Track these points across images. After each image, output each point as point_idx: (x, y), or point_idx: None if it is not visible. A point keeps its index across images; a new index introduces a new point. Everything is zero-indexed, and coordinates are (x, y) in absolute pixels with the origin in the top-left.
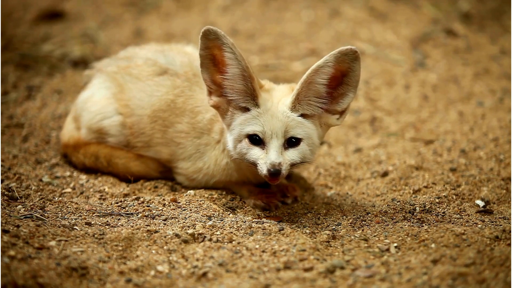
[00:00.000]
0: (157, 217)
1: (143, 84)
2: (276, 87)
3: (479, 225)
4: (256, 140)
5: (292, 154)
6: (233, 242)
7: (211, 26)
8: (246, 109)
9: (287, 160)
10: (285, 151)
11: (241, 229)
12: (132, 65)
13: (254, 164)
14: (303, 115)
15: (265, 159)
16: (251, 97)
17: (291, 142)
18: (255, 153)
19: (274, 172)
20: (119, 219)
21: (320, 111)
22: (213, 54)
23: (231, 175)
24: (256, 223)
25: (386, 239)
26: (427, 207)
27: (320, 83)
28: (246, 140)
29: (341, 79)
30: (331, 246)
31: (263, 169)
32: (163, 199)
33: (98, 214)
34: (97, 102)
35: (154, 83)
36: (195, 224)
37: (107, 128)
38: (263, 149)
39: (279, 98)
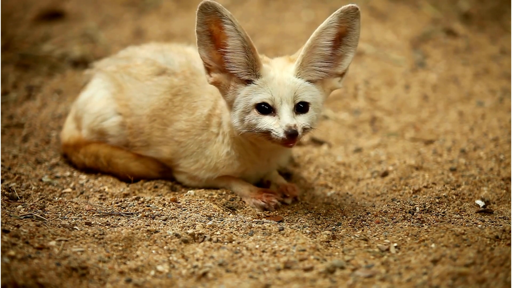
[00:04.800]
0: (157, 217)
1: (142, 84)
2: (274, 59)
3: (479, 225)
4: (265, 109)
5: (303, 119)
6: (233, 242)
7: (208, 0)
8: (249, 82)
9: (300, 124)
10: (296, 116)
11: (241, 229)
12: (132, 65)
13: (267, 133)
14: (308, 81)
15: (279, 123)
16: (253, 68)
17: (300, 107)
18: (266, 121)
19: (292, 133)
20: (119, 219)
21: (324, 75)
22: (210, 29)
23: (232, 164)
24: (256, 223)
25: (386, 239)
26: (427, 207)
27: (324, 45)
28: (255, 110)
29: (339, 40)
30: (331, 246)
31: (279, 133)
32: (163, 199)
33: (98, 214)
34: (97, 103)
35: (153, 83)
36: (195, 224)
37: (107, 129)
38: (274, 116)
39: (281, 67)
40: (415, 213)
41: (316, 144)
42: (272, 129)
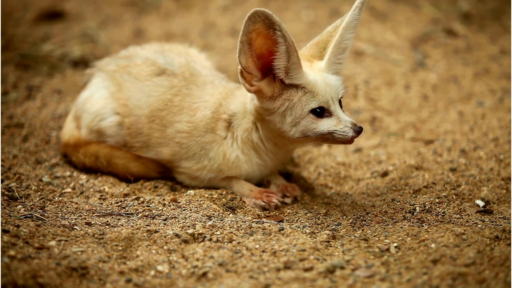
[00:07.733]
0: (157, 217)
1: (142, 84)
2: None
3: (479, 225)
4: (319, 112)
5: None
6: (233, 242)
7: (258, 9)
8: (293, 86)
9: None
10: None
11: (241, 229)
12: (132, 65)
13: (328, 134)
14: (334, 74)
15: (342, 123)
16: (294, 72)
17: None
18: (325, 123)
19: (359, 130)
20: (119, 219)
21: (341, 66)
22: (250, 38)
23: (240, 167)
24: (256, 223)
25: (386, 239)
26: (427, 207)
27: (347, 39)
28: (311, 115)
29: None
30: (331, 246)
31: (347, 132)
32: (163, 199)
33: (98, 214)
34: (96, 103)
35: (152, 83)
36: (195, 224)
37: (105, 129)
38: (331, 117)
39: (310, 66)
40: (415, 213)
41: None
42: (335, 130)
